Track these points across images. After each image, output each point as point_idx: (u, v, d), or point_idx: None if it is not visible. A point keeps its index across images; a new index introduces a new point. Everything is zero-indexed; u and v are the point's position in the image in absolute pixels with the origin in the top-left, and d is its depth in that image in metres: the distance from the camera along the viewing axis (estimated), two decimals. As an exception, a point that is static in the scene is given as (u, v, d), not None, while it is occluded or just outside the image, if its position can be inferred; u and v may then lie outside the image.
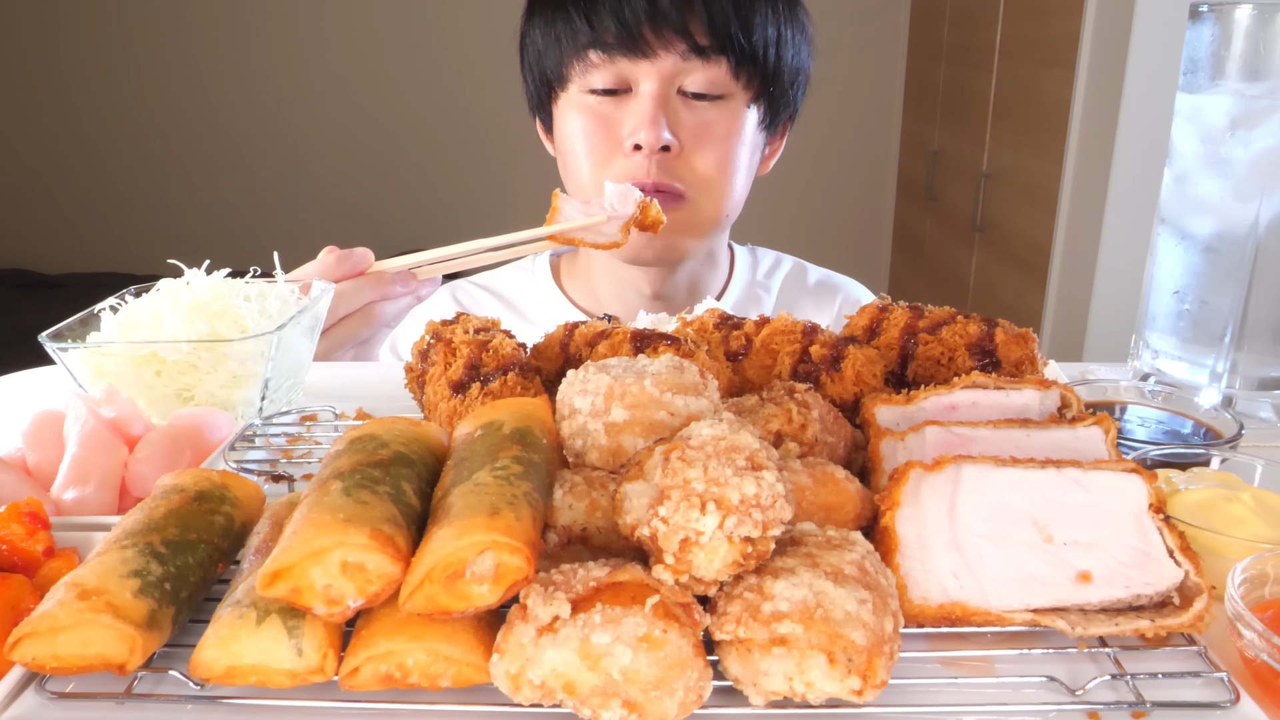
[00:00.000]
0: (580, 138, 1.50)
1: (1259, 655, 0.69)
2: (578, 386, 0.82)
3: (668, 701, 0.61)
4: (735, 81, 1.46)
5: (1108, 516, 0.76)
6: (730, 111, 1.48)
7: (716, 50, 1.42)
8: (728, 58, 1.43)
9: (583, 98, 1.49)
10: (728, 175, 1.51)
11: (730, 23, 1.41)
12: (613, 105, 1.48)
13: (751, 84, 1.48)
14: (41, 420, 1.03)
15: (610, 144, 1.48)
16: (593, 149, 1.49)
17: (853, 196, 5.40)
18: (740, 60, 1.44)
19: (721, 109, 1.48)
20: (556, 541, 0.75)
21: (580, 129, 1.49)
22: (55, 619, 0.65)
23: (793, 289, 1.83)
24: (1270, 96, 1.15)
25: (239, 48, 5.14)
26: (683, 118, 1.46)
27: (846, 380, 1.01)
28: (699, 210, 1.52)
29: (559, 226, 1.36)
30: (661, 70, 1.43)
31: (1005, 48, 3.70)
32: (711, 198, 1.52)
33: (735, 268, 1.81)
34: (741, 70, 1.45)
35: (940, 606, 0.74)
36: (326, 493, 0.69)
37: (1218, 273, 1.24)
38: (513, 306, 1.78)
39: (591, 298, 1.74)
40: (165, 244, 2.09)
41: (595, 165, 1.49)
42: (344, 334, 1.36)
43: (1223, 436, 1.08)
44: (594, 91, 1.47)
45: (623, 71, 1.44)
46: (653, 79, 1.43)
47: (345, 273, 1.34)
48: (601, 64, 1.44)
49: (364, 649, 0.65)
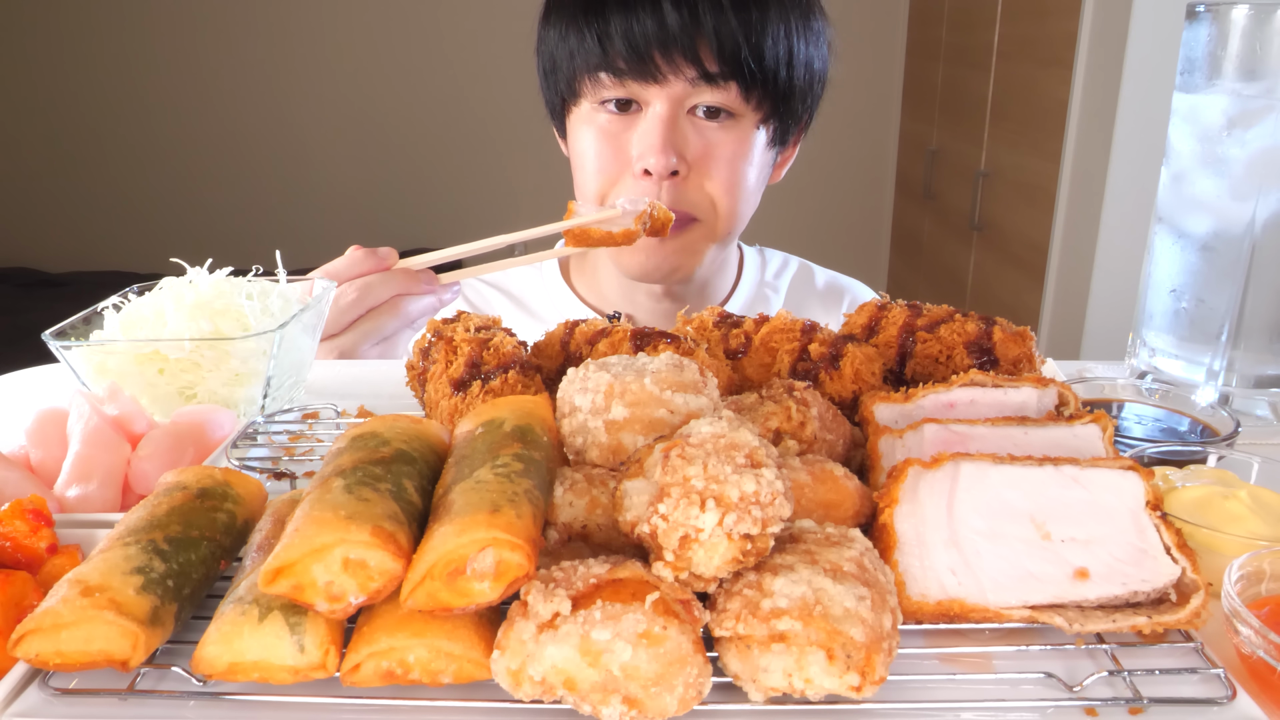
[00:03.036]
0: (591, 157, 1.52)
1: (1255, 651, 0.69)
2: (578, 384, 0.83)
3: (668, 698, 0.61)
4: (745, 103, 1.47)
5: (1105, 514, 0.77)
6: (739, 133, 1.49)
7: (726, 76, 1.43)
8: (737, 83, 1.44)
9: (595, 114, 1.51)
10: (735, 198, 1.52)
11: (740, 48, 1.41)
12: (623, 124, 1.49)
13: (762, 105, 1.49)
14: (45, 418, 1.03)
15: (619, 164, 1.50)
16: (603, 169, 1.51)
17: (852, 196, 5.41)
18: (750, 84, 1.45)
19: (730, 130, 1.49)
20: (557, 538, 0.75)
21: (592, 148, 1.51)
22: (59, 616, 0.65)
23: (801, 290, 1.85)
24: (1266, 96, 1.16)
25: (242, 47, 5.14)
26: (691, 139, 1.47)
27: (845, 378, 1.01)
28: (710, 228, 1.54)
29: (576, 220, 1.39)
30: (671, 94, 1.44)
31: (1003, 48, 3.70)
32: (722, 219, 1.54)
33: (744, 268, 1.82)
34: (752, 93, 1.46)
35: (938, 603, 0.74)
36: (328, 490, 0.70)
37: (1214, 271, 1.24)
38: (522, 304, 1.79)
39: (600, 297, 1.74)
40: (168, 243, 2.09)
41: (606, 185, 1.52)
42: (370, 326, 1.37)
43: (1219, 434, 1.09)
44: (604, 103, 1.49)
45: (633, 91, 1.46)
46: (663, 101, 1.44)
47: (372, 268, 1.36)
48: (612, 85, 1.46)
49: (366, 645, 0.66)
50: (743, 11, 1.40)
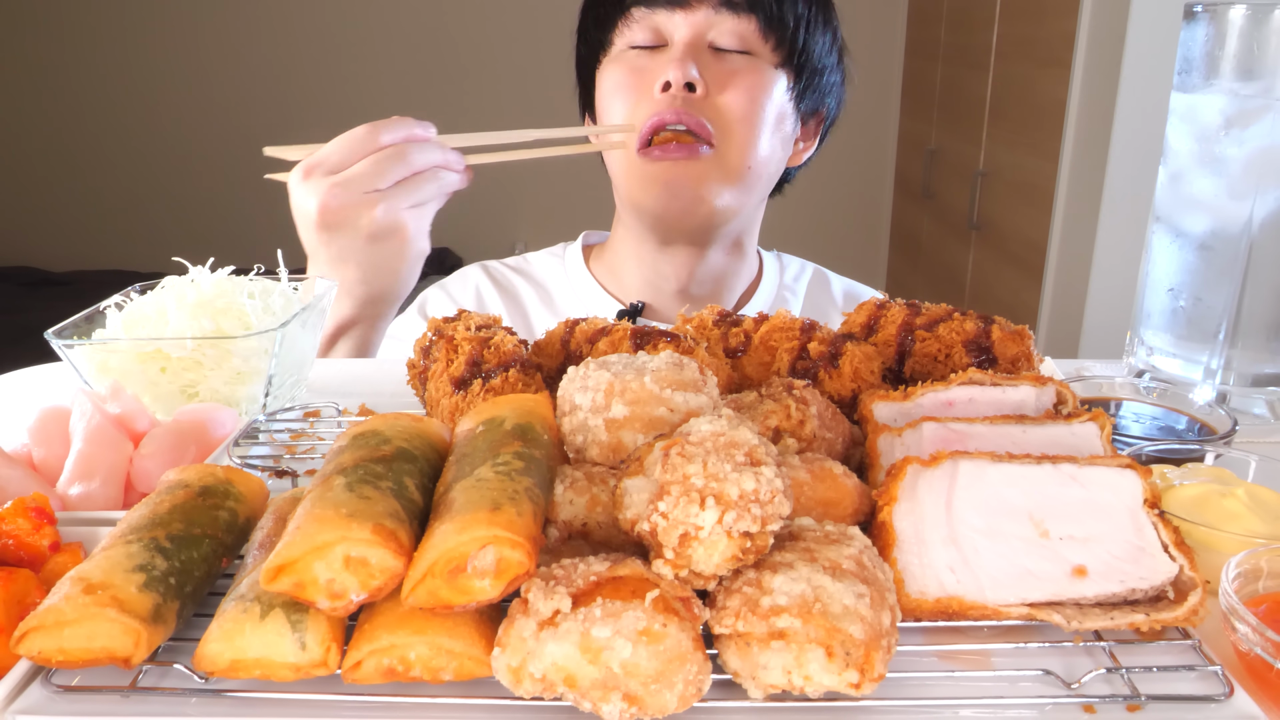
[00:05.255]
0: (616, 87, 1.59)
1: (1253, 649, 0.69)
2: (578, 383, 0.83)
3: (667, 695, 0.61)
4: (764, 43, 1.56)
5: (1103, 512, 0.77)
6: (757, 66, 1.56)
7: (747, 7, 1.53)
8: (757, 15, 1.53)
9: (623, 54, 1.59)
10: (753, 124, 1.56)
11: None
12: (649, 58, 1.57)
13: (779, 49, 1.57)
14: (47, 416, 1.04)
15: (643, 89, 1.56)
16: (626, 95, 1.57)
17: (851, 195, 5.41)
18: (769, 21, 1.54)
19: (749, 61, 1.56)
20: (557, 536, 0.76)
21: (618, 80, 1.59)
22: (61, 613, 0.65)
23: (818, 297, 1.87)
24: (1264, 96, 1.16)
25: (244, 46, 5.13)
26: (711, 66, 1.54)
27: (844, 377, 1.02)
28: (725, 158, 1.56)
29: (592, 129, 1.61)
30: (694, 21, 1.53)
31: (1001, 48, 3.71)
32: (736, 145, 1.55)
33: (764, 271, 1.83)
34: (771, 32, 1.55)
35: (937, 601, 0.74)
36: (330, 488, 0.70)
37: (1212, 270, 1.24)
38: (544, 290, 1.79)
39: (621, 286, 1.75)
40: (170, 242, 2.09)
41: (629, 106, 1.57)
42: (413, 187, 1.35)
43: (1217, 432, 1.09)
44: (634, 47, 1.58)
45: (659, 24, 1.55)
46: (685, 28, 1.53)
47: (391, 140, 1.35)
48: (641, 19, 1.55)
49: (367, 643, 0.66)
50: None
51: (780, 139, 1.62)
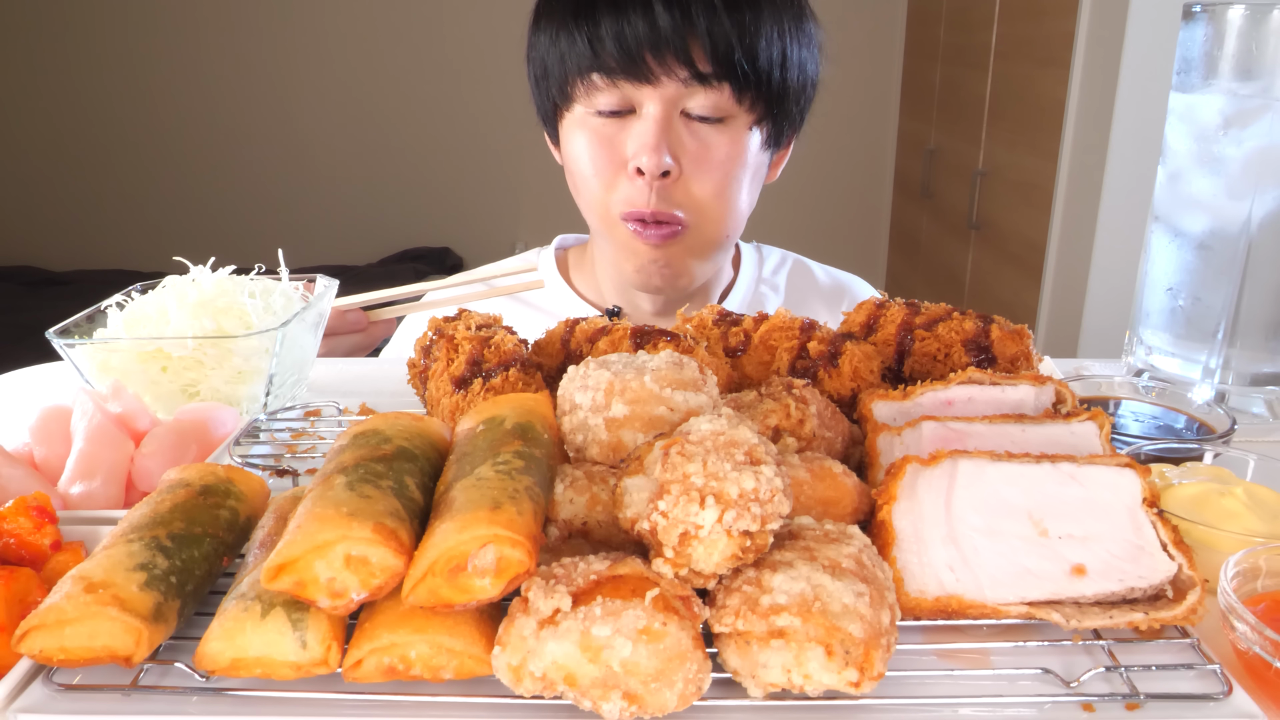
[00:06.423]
0: (586, 160, 1.51)
1: (1251, 647, 0.70)
2: (578, 382, 0.83)
3: (667, 693, 0.62)
4: (739, 105, 1.46)
5: (1102, 511, 0.77)
6: (732, 135, 1.48)
7: (719, 77, 1.41)
8: (730, 84, 1.43)
9: (588, 118, 1.49)
10: (726, 201, 1.51)
11: (734, 49, 1.39)
12: (616, 126, 1.48)
13: (755, 107, 1.47)
14: (49, 415, 1.04)
15: (614, 166, 1.49)
16: (598, 171, 1.50)
17: (850, 195, 5.41)
18: (743, 86, 1.43)
19: (724, 132, 1.47)
20: (557, 535, 0.76)
21: (586, 152, 1.50)
22: (62, 612, 0.66)
23: (801, 288, 1.84)
24: (1262, 96, 1.16)
25: (245, 46, 5.13)
26: (685, 141, 1.46)
27: (844, 376, 1.02)
28: (700, 235, 1.53)
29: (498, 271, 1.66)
30: (665, 95, 1.42)
31: (1001, 48, 3.71)
32: (711, 223, 1.52)
33: (742, 265, 1.81)
34: (745, 95, 1.45)
35: (936, 599, 0.74)
36: (330, 487, 0.70)
37: (1211, 270, 1.25)
38: (520, 299, 1.79)
39: (598, 293, 1.75)
40: (171, 241, 2.10)
41: (602, 188, 1.51)
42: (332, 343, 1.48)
43: (1216, 432, 1.09)
44: (599, 113, 1.47)
45: (626, 94, 1.44)
46: (656, 103, 1.43)
47: None
48: (605, 87, 1.44)
49: (367, 641, 0.66)
50: (735, 12, 1.39)
51: (756, 182, 1.58)
